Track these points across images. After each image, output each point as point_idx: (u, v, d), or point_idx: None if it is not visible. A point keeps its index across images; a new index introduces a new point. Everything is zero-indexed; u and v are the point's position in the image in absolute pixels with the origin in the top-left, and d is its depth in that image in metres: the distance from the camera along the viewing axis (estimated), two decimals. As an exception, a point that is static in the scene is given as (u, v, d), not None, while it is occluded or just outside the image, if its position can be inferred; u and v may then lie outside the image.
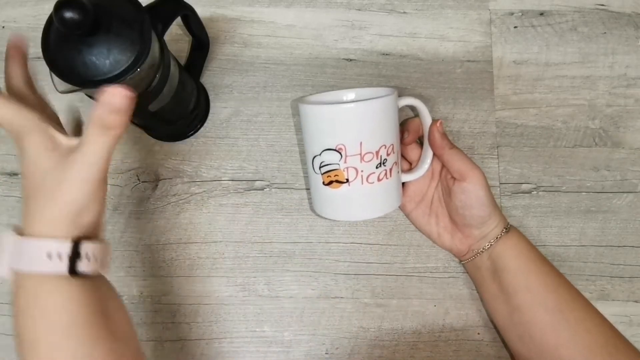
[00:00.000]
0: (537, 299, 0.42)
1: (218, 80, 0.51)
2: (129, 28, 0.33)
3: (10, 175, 0.49)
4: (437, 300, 0.48)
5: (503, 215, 0.45)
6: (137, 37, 0.34)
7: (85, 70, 0.33)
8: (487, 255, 0.44)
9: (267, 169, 0.50)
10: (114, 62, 0.33)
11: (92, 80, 0.33)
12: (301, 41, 0.52)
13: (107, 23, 0.32)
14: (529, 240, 0.45)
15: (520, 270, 0.43)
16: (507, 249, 0.44)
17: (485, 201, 0.43)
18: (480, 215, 0.43)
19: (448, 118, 0.51)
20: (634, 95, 0.51)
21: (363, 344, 0.47)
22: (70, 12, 0.30)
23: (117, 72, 0.33)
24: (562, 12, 0.53)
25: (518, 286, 0.42)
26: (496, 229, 0.44)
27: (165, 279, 0.48)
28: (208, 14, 0.52)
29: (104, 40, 0.33)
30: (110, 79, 0.33)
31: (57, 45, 0.33)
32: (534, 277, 0.43)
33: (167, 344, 0.47)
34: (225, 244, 0.48)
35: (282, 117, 0.51)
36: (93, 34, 0.32)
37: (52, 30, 0.33)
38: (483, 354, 0.47)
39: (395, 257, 0.48)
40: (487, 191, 0.43)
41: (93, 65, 0.33)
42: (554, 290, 0.42)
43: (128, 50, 0.33)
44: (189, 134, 0.50)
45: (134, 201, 0.49)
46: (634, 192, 0.50)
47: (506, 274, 0.43)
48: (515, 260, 0.43)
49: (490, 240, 0.44)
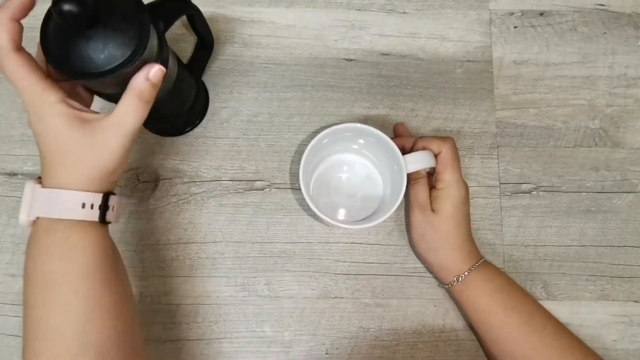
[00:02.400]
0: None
1: (218, 80, 0.51)
2: (128, 24, 0.33)
3: (10, 175, 0.49)
4: (437, 300, 0.48)
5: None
6: (135, 33, 0.34)
7: (81, 63, 0.33)
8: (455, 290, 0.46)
9: (267, 169, 0.50)
10: (109, 57, 0.33)
11: (86, 72, 0.33)
12: (301, 41, 0.52)
13: (106, 17, 0.32)
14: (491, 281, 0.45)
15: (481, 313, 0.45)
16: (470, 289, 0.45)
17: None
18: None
19: (448, 118, 0.51)
20: (634, 95, 0.51)
21: (363, 344, 0.47)
22: (68, 4, 0.30)
23: (111, 66, 0.33)
24: (562, 12, 0.53)
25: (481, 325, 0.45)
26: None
27: (165, 279, 0.48)
28: (208, 14, 0.52)
29: (101, 34, 0.33)
30: (104, 72, 0.33)
31: (55, 36, 0.33)
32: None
33: (167, 344, 0.47)
34: (225, 244, 0.48)
35: (282, 117, 0.51)
36: (91, 27, 0.32)
37: (50, 21, 0.33)
38: (483, 354, 0.47)
39: (395, 257, 0.48)
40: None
41: (88, 58, 0.33)
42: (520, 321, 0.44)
43: (125, 45, 0.33)
44: (186, 131, 0.50)
45: (134, 201, 0.49)
46: (634, 192, 0.50)
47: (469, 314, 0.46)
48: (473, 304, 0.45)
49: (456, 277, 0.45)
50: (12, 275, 0.47)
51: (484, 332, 0.45)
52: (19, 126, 0.50)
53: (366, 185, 0.49)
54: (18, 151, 0.50)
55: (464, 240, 0.45)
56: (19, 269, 0.48)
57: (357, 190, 0.49)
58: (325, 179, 0.49)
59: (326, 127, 0.44)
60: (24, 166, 0.49)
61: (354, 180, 0.49)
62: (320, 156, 0.48)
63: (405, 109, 0.51)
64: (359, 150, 0.48)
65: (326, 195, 0.48)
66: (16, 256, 0.48)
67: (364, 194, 0.48)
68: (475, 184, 0.50)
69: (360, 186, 0.49)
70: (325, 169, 0.49)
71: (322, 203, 0.48)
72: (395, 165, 0.44)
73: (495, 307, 0.44)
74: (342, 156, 0.49)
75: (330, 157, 0.49)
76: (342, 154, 0.49)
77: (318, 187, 0.48)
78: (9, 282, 0.47)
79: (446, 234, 0.44)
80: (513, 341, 0.43)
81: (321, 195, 0.48)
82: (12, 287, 0.47)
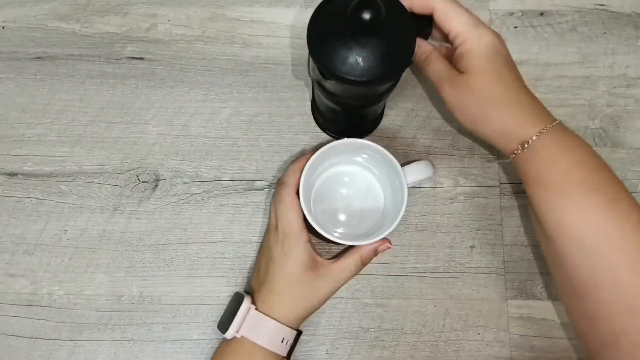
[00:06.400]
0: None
1: (218, 80, 0.51)
2: (397, 42, 0.34)
3: (10, 175, 0.49)
4: (437, 300, 0.48)
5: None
6: (401, 53, 0.34)
7: (343, 67, 0.33)
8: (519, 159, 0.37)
9: (267, 169, 0.50)
10: (371, 69, 0.33)
11: (346, 78, 0.33)
12: (301, 41, 0.52)
13: (384, 31, 0.33)
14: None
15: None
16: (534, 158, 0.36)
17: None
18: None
19: (448, 118, 0.51)
20: (634, 95, 0.51)
21: (363, 344, 0.47)
22: (369, 13, 0.31)
23: (369, 79, 0.33)
24: (562, 12, 0.53)
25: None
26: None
27: (165, 279, 0.48)
28: (208, 14, 0.52)
29: (374, 46, 0.33)
30: (362, 83, 0.33)
31: (327, 34, 0.33)
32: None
33: (167, 344, 0.47)
34: (225, 244, 0.48)
35: (282, 117, 0.51)
36: (369, 36, 0.32)
37: (324, 16, 0.34)
38: (483, 354, 0.47)
39: (395, 257, 0.48)
40: None
41: (353, 64, 0.33)
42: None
43: (389, 63, 0.33)
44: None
45: (134, 201, 0.49)
46: (634, 192, 0.50)
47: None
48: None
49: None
50: (12, 275, 0.47)
51: (548, 215, 0.36)
52: (18, 126, 0.50)
53: (367, 197, 0.47)
54: (18, 151, 0.50)
55: (518, 95, 0.37)
56: (19, 269, 0.48)
57: (358, 202, 0.48)
58: (326, 191, 0.48)
59: (326, 142, 0.43)
60: (23, 166, 0.49)
61: (354, 192, 0.48)
62: (320, 169, 0.47)
63: (405, 109, 0.51)
64: (360, 162, 0.47)
65: (326, 208, 0.47)
66: (16, 256, 0.48)
67: (364, 206, 0.47)
68: (475, 184, 0.50)
69: (360, 199, 0.48)
70: (325, 180, 0.48)
71: (321, 214, 0.47)
72: (397, 181, 0.43)
73: (570, 184, 0.35)
74: (344, 168, 0.48)
75: (330, 169, 0.48)
76: (344, 165, 0.48)
77: (318, 198, 0.47)
78: (9, 282, 0.47)
79: (488, 92, 0.36)
80: (585, 229, 0.34)
81: (321, 207, 0.47)
82: (12, 287, 0.47)
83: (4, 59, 0.51)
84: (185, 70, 0.51)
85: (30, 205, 0.49)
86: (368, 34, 0.32)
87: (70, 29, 0.52)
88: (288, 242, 0.40)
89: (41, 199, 0.49)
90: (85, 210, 0.49)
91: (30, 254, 0.48)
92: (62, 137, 0.50)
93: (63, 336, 0.46)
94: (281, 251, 0.41)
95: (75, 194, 0.49)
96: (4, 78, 0.51)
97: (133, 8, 0.52)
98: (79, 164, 0.49)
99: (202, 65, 0.51)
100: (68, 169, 0.49)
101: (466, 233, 0.49)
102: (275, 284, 0.41)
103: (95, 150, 0.50)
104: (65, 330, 0.47)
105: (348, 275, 0.42)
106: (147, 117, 0.50)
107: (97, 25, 0.52)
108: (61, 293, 0.47)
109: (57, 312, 0.47)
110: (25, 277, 0.47)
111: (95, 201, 0.49)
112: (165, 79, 0.51)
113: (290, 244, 0.40)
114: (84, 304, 0.47)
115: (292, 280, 0.40)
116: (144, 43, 0.52)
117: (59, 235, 0.48)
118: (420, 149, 0.50)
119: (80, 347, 0.46)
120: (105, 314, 0.47)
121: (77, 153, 0.50)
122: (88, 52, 0.51)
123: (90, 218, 0.48)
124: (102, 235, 0.48)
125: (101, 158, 0.50)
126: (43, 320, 0.47)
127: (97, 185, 0.49)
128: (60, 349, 0.46)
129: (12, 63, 0.51)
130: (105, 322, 0.47)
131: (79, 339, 0.46)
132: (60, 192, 0.49)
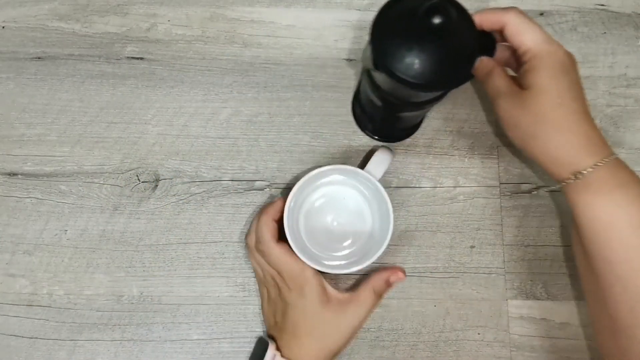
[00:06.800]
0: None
1: (218, 80, 0.51)
2: (457, 54, 0.33)
3: (10, 175, 0.49)
4: (437, 300, 0.48)
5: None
6: (459, 67, 0.33)
7: (398, 64, 0.33)
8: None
9: (267, 169, 0.50)
10: (424, 74, 0.33)
11: (397, 75, 0.33)
12: (301, 41, 0.52)
13: (448, 39, 0.33)
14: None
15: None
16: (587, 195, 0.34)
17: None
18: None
19: (448, 118, 0.51)
20: (634, 95, 0.51)
21: (363, 344, 0.47)
22: (439, 18, 0.31)
23: (419, 82, 0.33)
24: (562, 12, 0.53)
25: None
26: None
27: (165, 279, 0.48)
28: (208, 14, 0.52)
29: (434, 52, 0.33)
30: (410, 83, 0.33)
31: (393, 26, 0.33)
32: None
33: (167, 344, 0.47)
34: (225, 244, 0.48)
35: (282, 117, 0.51)
36: (432, 41, 0.32)
37: (396, 9, 0.33)
38: (483, 354, 0.47)
39: (395, 257, 0.48)
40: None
41: (408, 64, 0.33)
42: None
43: (443, 73, 0.33)
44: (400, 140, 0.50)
45: (134, 201, 0.49)
46: (634, 192, 0.50)
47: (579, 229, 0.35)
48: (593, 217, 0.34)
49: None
50: (12, 275, 0.47)
51: (595, 250, 0.34)
52: (18, 126, 0.50)
53: (354, 218, 0.46)
54: (18, 151, 0.50)
55: (577, 121, 0.34)
56: (19, 269, 0.48)
57: (345, 222, 0.46)
58: (313, 221, 0.46)
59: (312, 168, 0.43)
60: (24, 166, 0.49)
61: (342, 213, 0.47)
62: (305, 193, 0.46)
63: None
64: (346, 181, 0.46)
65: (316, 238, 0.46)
66: (16, 256, 0.48)
67: (352, 229, 0.46)
68: (475, 184, 0.50)
69: (348, 219, 0.46)
70: (310, 210, 0.46)
71: (312, 245, 0.46)
72: (384, 207, 0.43)
73: (622, 222, 0.33)
74: (330, 189, 0.47)
75: (317, 190, 0.47)
76: (332, 186, 0.47)
77: (305, 221, 0.46)
78: (9, 282, 0.47)
79: (544, 114, 0.34)
80: (631, 269, 0.33)
81: (312, 237, 0.46)
82: (12, 287, 0.47)
83: (4, 59, 0.51)
84: (185, 70, 0.51)
85: (30, 205, 0.49)
86: (432, 39, 0.32)
87: (70, 29, 0.52)
88: (298, 284, 0.40)
89: (41, 199, 0.49)
90: (85, 210, 0.49)
91: (30, 254, 0.48)
92: (62, 137, 0.50)
93: (63, 336, 0.46)
94: (297, 295, 0.40)
95: (75, 194, 0.49)
96: (4, 78, 0.51)
97: (133, 8, 0.52)
98: (79, 164, 0.49)
99: (202, 65, 0.51)
100: (68, 169, 0.49)
101: (466, 233, 0.49)
102: (297, 328, 0.40)
103: (95, 150, 0.50)
104: (65, 330, 0.47)
105: (366, 310, 0.41)
106: (147, 117, 0.50)
107: (97, 25, 0.52)
108: (61, 293, 0.47)
109: (57, 312, 0.47)
110: (25, 277, 0.47)
111: (95, 201, 0.49)
112: (165, 79, 0.51)
113: (302, 285, 0.40)
114: (84, 304, 0.47)
115: (313, 320, 0.40)
116: (144, 43, 0.52)
117: (59, 235, 0.48)
118: (420, 149, 0.50)
119: (80, 347, 0.46)
120: (105, 314, 0.47)
121: (77, 153, 0.50)
122: (88, 52, 0.51)
123: (90, 218, 0.48)
124: (102, 235, 0.48)
125: (101, 158, 0.50)
126: (43, 320, 0.47)
127: (97, 185, 0.49)
128: (60, 349, 0.46)
129: (12, 63, 0.51)
130: (105, 322, 0.47)
131: (79, 339, 0.46)
132: (60, 192, 0.49)
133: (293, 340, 0.40)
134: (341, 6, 0.53)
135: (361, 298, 0.41)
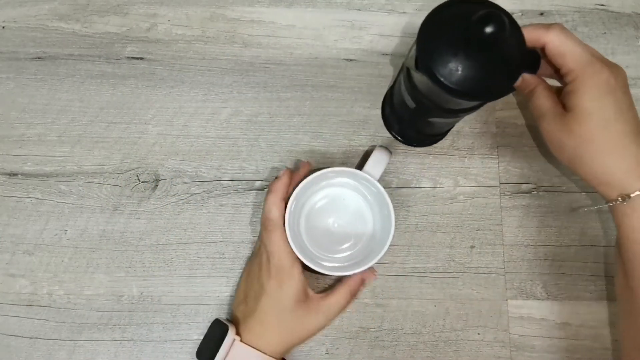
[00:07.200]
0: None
1: (218, 80, 0.51)
2: (502, 68, 0.33)
3: (10, 175, 0.49)
4: (437, 300, 0.48)
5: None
6: (501, 80, 0.33)
7: (440, 67, 0.32)
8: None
9: (267, 169, 0.50)
10: (465, 82, 0.32)
11: (438, 78, 0.32)
12: (301, 41, 0.52)
13: (496, 52, 0.32)
14: None
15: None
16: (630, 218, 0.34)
17: None
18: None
19: (448, 118, 0.51)
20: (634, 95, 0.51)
21: (363, 344, 0.47)
22: (491, 27, 0.30)
23: (458, 89, 0.32)
24: (562, 12, 0.53)
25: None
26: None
27: (165, 279, 0.48)
28: (208, 14, 0.52)
29: (479, 62, 0.32)
30: (449, 89, 0.32)
31: (442, 29, 0.33)
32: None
33: (167, 344, 0.47)
34: (225, 244, 0.48)
35: (282, 117, 0.51)
36: (480, 50, 0.32)
37: (448, 13, 0.33)
38: (483, 354, 0.47)
39: (395, 257, 0.48)
40: None
41: (451, 69, 0.32)
42: None
43: (485, 84, 0.32)
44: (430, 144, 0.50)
45: (134, 201, 0.49)
46: (634, 192, 0.50)
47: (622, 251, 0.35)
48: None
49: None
50: (12, 275, 0.47)
51: (637, 274, 0.35)
52: (18, 126, 0.50)
53: (355, 220, 0.47)
54: (18, 151, 0.50)
55: (625, 143, 0.33)
56: (19, 268, 0.48)
57: (346, 224, 0.47)
58: (314, 220, 0.46)
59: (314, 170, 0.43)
60: (24, 166, 0.49)
61: (343, 214, 0.47)
62: (305, 197, 0.46)
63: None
64: (347, 182, 0.46)
65: (316, 237, 0.46)
66: (16, 256, 0.48)
67: (354, 230, 0.46)
68: (475, 184, 0.50)
69: (349, 221, 0.47)
70: (313, 208, 0.47)
71: (311, 244, 0.46)
72: (385, 210, 0.43)
73: None
74: (332, 190, 0.47)
75: (319, 192, 0.47)
76: (333, 188, 0.47)
77: (307, 228, 0.46)
78: (9, 282, 0.47)
79: (589, 137, 0.34)
80: None
81: (311, 236, 0.46)
82: (12, 287, 0.47)
83: (4, 59, 0.51)
84: (185, 70, 0.51)
85: (30, 205, 0.49)
86: (480, 48, 0.32)
87: (70, 29, 0.52)
88: (281, 276, 0.40)
89: (41, 199, 0.49)
90: (85, 210, 0.49)
91: (30, 254, 0.48)
92: (62, 137, 0.50)
93: (63, 336, 0.46)
94: (275, 285, 0.40)
95: (75, 194, 0.49)
96: (4, 78, 0.51)
97: (133, 8, 0.52)
98: (79, 164, 0.49)
99: (202, 65, 0.51)
100: (68, 169, 0.49)
101: (466, 233, 0.49)
102: (266, 316, 0.41)
103: (95, 150, 0.50)
104: (65, 330, 0.47)
105: (338, 310, 0.42)
106: (147, 117, 0.50)
107: (97, 25, 0.52)
108: (61, 293, 0.47)
109: (57, 312, 0.47)
110: (25, 277, 0.47)
111: (95, 201, 0.49)
112: (165, 79, 0.51)
113: (284, 278, 0.40)
114: (84, 304, 0.47)
115: (284, 314, 0.40)
116: (144, 43, 0.52)
117: (59, 235, 0.48)
118: (420, 149, 0.50)
119: (80, 347, 0.46)
120: (105, 314, 0.47)
121: (77, 153, 0.50)
122: (88, 52, 0.51)
123: (90, 218, 0.48)
124: (102, 235, 0.48)
125: (101, 158, 0.50)
126: (43, 320, 0.47)
127: (97, 185, 0.49)
128: (60, 349, 0.46)
129: (12, 63, 0.51)
130: (105, 322, 0.47)
131: (79, 339, 0.46)
132: (60, 192, 0.49)
133: (258, 327, 0.41)
134: (341, 6, 0.53)
135: (337, 298, 0.42)
